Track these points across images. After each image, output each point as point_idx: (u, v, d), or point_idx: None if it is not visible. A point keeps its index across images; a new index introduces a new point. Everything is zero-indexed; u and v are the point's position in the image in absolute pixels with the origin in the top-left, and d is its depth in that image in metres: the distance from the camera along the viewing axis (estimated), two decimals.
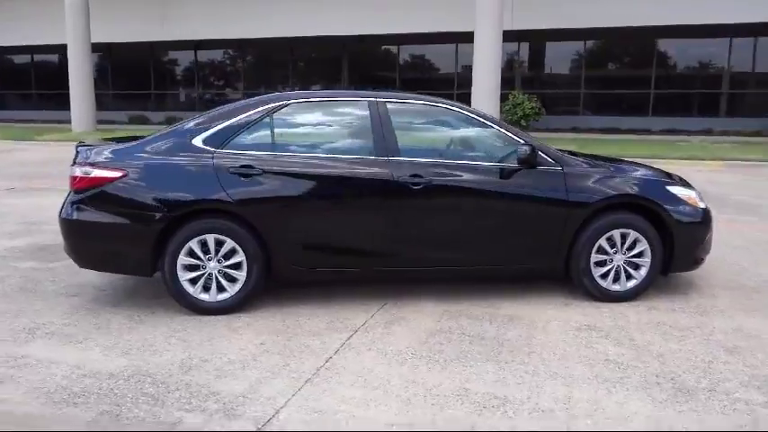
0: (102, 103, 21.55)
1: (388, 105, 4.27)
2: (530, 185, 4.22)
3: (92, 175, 3.98)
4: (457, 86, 20.59)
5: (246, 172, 4.00)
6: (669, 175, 4.70)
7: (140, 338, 3.69)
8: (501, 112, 17.01)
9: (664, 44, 19.37)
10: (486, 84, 15.44)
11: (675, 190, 4.43)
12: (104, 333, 3.78)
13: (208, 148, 4.05)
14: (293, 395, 2.99)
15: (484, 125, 4.42)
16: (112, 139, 4.52)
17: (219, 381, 3.15)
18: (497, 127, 4.41)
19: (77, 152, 4.18)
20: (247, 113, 4.17)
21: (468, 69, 19.84)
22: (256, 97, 4.33)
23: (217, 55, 24.50)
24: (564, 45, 20.37)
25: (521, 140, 4.30)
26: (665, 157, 13.00)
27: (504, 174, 4.22)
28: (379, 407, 2.89)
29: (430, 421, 2.77)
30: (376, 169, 4.09)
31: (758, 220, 7.52)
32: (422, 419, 2.78)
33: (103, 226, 3.98)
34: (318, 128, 4.44)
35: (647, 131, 18.55)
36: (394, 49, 21.98)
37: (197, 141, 4.08)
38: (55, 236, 6.29)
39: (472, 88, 15.89)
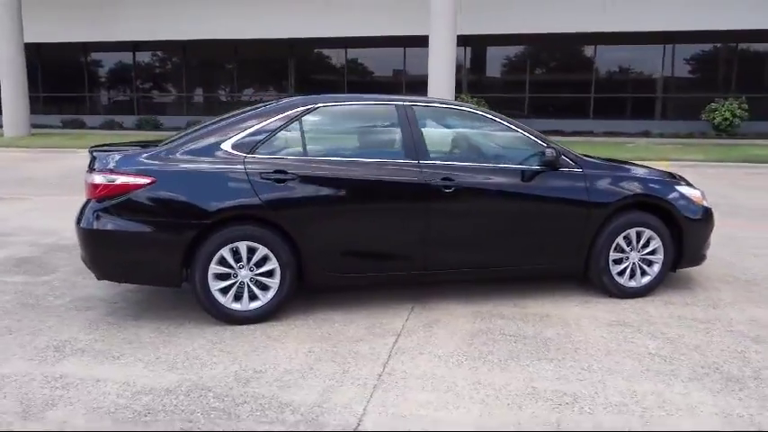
0: (33, 107, 20.42)
1: (416, 109, 4.28)
2: (554, 187, 4.33)
3: (117, 183, 3.79)
4: (405, 89, 20.79)
5: (280, 177, 3.91)
6: (673, 176, 4.93)
7: (180, 351, 3.55)
8: None
9: (603, 50, 20.25)
10: (442, 86, 15.67)
11: (684, 190, 4.65)
12: (138, 347, 3.62)
13: (238, 153, 3.94)
14: (368, 402, 2.96)
15: (508, 129, 4.50)
16: (132, 144, 4.31)
17: (285, 391, 3.07)
18: (521, 131, 4.49)
19: (94, 158, 3.98)
20: (276, 117, 4.09)
21: (415, 73, 20.10)
22: (284, 101, 4.26)
23: (156, 57, 23.71)
24: (508, 50, 20.98)
25: (544, 143, 4.41)
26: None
27: (530, 176, 4.31)
28: (459, 409, 2.90)
29: (515, 421, 2.80)
30: (407, 173, 4.10)
31: (720, 216, 7.95)
32: (506, 419, 2.82)
33: (130, 235, 3.80)
34: (347, 132, 4.42)
35: (591, 133, 19.31)
36: (341, 51, 21.94)
37: (226, 146, 3.96)
38: (31, 247, 5.96)
39: (428, 91, 16.07)
